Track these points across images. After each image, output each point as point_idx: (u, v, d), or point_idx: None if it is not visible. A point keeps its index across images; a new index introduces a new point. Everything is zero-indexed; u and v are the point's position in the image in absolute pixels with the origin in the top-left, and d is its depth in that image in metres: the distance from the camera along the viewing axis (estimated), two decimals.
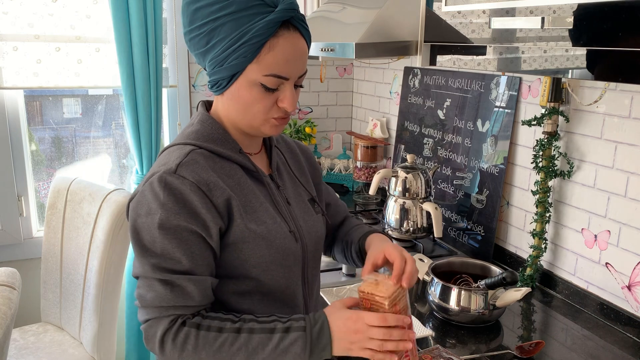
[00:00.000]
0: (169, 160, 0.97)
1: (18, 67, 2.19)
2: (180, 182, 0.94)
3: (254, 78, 0.96)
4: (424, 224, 1.87)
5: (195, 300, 0.94)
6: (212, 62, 0.97)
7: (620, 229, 1.40)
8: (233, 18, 0.92)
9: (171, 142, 1.05)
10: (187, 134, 1.04)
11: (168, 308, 0.94)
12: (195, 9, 0.95)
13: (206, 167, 0.98)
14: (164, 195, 0.93)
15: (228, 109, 1.02)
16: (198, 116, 1.06)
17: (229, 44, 0.94)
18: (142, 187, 0.97)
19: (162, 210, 0.93)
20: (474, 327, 1.40)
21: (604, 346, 1.34)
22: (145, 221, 0.94)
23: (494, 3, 1.14)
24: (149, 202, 0.94)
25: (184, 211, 0.93)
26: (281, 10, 0.93)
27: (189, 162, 0.96)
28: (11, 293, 1.30)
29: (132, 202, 0.98)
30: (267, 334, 0.93)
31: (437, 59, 1.39)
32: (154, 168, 0.99)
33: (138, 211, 0.95)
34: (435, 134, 2.10)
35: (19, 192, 2.32)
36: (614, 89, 1.39)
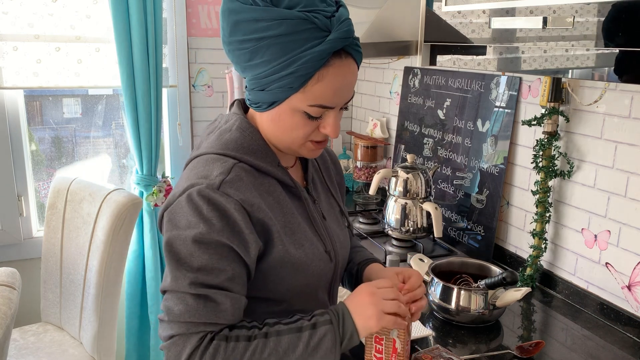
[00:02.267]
0: (210, 173, 0.92)
1: (18, 67, 2.19)
2: (225, 200, 0.89)
3: (298, 106, 0.91)
4: (424, 224, 1.87)
5: (227, 318, 0.90)
6: (253, 82, 0.93)
7: (620, 229, 1.40)
8: (281, 41, 0.85)
9: (207, 147, 0.99)
10: (226, 141, 0.97)
11: (198, 324, 0.89)
12: (236, 21, 0.88)
13: (249, 185, 0.93)
14: (207, 210, 0.89)
15: (268, 127, 0.98)
16: (236, 122, 1.00)
17: (274, 70, 0.88)
18: (177, 197, 0.92)
19: (204, 225, 0.88)
20: (474, 327, 1.40)
21: (604, 346, 1.34)
22: (184, 234, 0.89)
23: (494, 3, 1.14)
24: (188, 215, 0.89)
25: (227, 229, 0.89)
26: (335, 40, 0.87)
27: (234, 180, 0.92)
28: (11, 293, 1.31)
29: (168, 213, 0.93)
30: (296, 334, 0.91)
31: (437, 59, 1.39)
32: (192, 178, 0.93)
33: (176, 223, 0.91)
34: (435, 134, 2.10)
35: (19, 192, 2.32)
36: (614, 89, 1.39)
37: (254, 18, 0.86)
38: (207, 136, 1.04)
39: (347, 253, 1.14)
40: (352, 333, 0.92)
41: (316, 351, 0.90)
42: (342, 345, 0.92)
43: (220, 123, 1.03)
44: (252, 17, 0.86)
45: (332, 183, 1.17)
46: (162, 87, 2.29)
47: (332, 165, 1.20)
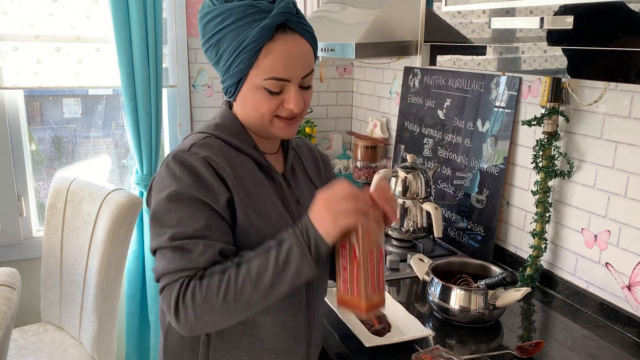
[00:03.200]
0: (185, 143, 1.03)
1: (18, 67, 2.19)
2: (192, 158, 0.98)
3: (256, 83, 0.99)
4: (424, 224, 1.87)
5: (200, 262, 0.94)
6: (221, 71, 1.03)
7: (620, 229, 1.40)
8: (233, 28, 0.97)
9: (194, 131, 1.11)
10: (208, 126, 1.08)
11: (176, 272, 0.94)
12: (205, 23, 1.03)
13: (218, 151, 1.01)
14: (179, 170, 0.97)
15: (241, 112, 1.07)
16: (219, 112, 1.11)
17: (231, 52, 0.98)
18: (159, 170, 1.02)
19: (176, 183, 0.96)
20: (474, 327, 1.40)
21: (604, 346, 1.34)
22: (161, 196, 0.97)
23: (494, 3, 1.14)
24: (164, 179, 0.98)
25: (197, 184, 0.97)
26: (275, 15, 0.96)
27: (203, 144, 1.01)
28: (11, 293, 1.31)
29: (152, 184, 1.03)
30: (264, 255, 0.94)
31: (437, 59, 1.39)
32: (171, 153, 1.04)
33: (156, 189, 1.00)
34: (435, 134, 2.10)
35: (19, 192, 2.32)
36: (614, 89, 1.39)
37: (213, 16, 1.00)
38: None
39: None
40: (316, 239, 0.92)
41: (287, 265, 0.92)
42: (311, 254, 0.92)
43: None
44: (212, 16, 1.00)
45: (320, 181, 1.20)
46: (162, 87, 2.29)
47: (322, 164, 1.24)
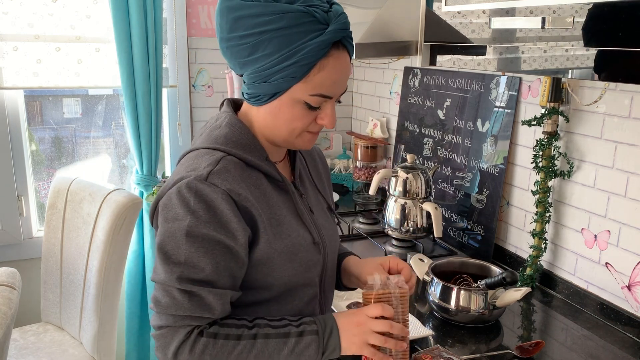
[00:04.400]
0: (198, 165, 0.94)
1: (18, 67, 2.19)
2: (212, 190, 0.91)
3: (298, 97, 0.94)
4: (424, 224, 1.87)
5: (213, 313, 0.92)
6: (254, 75, 0.94)
7: (620, 229, 1.40)
8: (284, 34, 0.89)
9: (197, 143, 1.01)
10: (215, 137, 0.99)
11: (184, 317, 0.91)
12: (237, 17, 0.91)
13: (237, 177, 0.94)
14: (194, 202, 0.90)
15: (265, 121, 0.99)
16: (226, 118, 1.02)
17: (277, 61, 0.90)
18: (167, 190, 0.94)
19: (191, 217, 0.90)
20: (474, 327, 1.40)
21: (604, 346, 1.34)
22: (172, 227, 0.91)
23: (494, 3, 1.14)
24: (176, 208, 0.91)
25: (214, 220, 0.91)
26: (335, 31, 0.90)
27: (221, 171, 0.93)
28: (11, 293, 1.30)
29: (159, 206, 0.95)
30: (282, 339, 0.94)
31: (437, 59, 1.39)
32: (182, 172, 0.95)
33: (165, 216, 0.93)
34: (435, 134, 2.10)
35: (19, 192, 2.32)
36: (613, 89, 1.39)
37: (255, 13, 0.89)
38: (200, 136, 1.05)
39: (337, 247, 1.14)
40: (335, 348, 0.96)
41: (299, 357, 0.94)
42: (323, 355, 0.95)
43: (211, 122, 1.05)
44: (252, 12, 0.89)
45: (320, 180, 1.19)
46: (162, 87, 2.29)
47: (320, 163, 1.22)
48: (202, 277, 0.91)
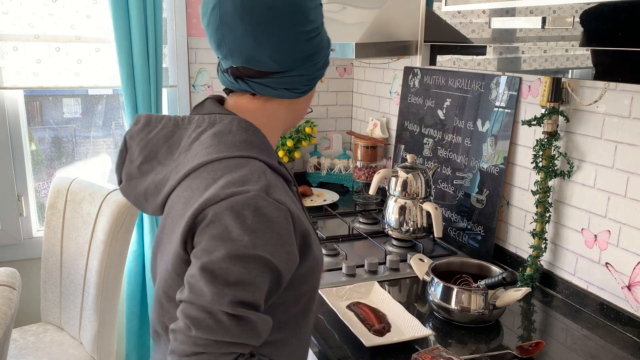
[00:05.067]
0: (247, 178, 0.85)
1: (18, 67, 2.19)
2: (276, 208, 0.83)
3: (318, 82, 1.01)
4: (424, 224, 1.87)
5: (257, 340, 0.84)
6: (308, 69, 0.95)
7: (620, 229, 1.40)
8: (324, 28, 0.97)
9: (210, 153, 0.89)
10: (234, 142, 0.90)
11: (231, 345, 0.81)
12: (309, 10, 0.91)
13: (282, 189, 0.87)
14: (254, 221, 0.81)
15: (300, 107, 1.01)
16: (234, 121, 0.93)
17: (326, 50, 0.98)
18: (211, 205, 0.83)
19: (249, 236, 0.81)
20: (474, 327, 1.40)
21: (604, 346, 1.34)
22: (226, 247, 0.81)
23: (494, 3, 1.14)
24: (230, 227, 0.81)
25: (272, 241, 0.82)
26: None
27: (273, 185, 0.85)
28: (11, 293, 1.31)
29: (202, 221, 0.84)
30: None
31: (437, 59, 1.39)
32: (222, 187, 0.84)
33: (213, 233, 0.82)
34: (435, 134, 2.10)
35: (19, 192, 2.32)
36: (614, 89, 1.39)
37: (318, 4, 0.94)
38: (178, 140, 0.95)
39: None
40: None
41: None
42: None
43: (202, 125, 0.94)
44: (317, 3, 0.94)
45: None
46: (162, 87, 2.29)
47: None
48: (251, 300, 0.82)
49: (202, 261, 0.81)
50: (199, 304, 0.80)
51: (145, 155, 0.96)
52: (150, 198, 0.95)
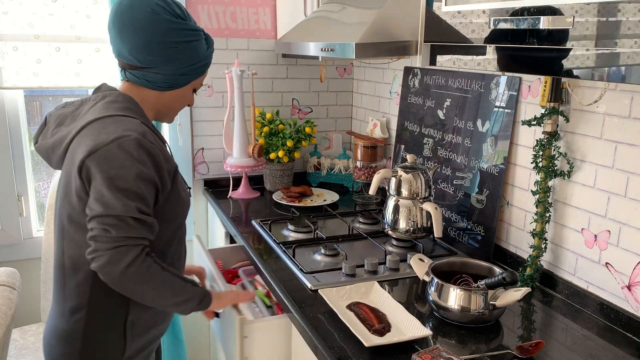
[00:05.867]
0: (129, 127, 1.23)
1: (18, 67, 2.19)
2: (152, 147, 1.23)
3: (194, 85, 1.42)
4: (424, 224, 1.87)
5: (153, 235, 1.25)
6: (177, 69, 1.33)
7: (620, 229, 1.40)
8: (196, 45, 1.35)
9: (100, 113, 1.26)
10: (120, 107, 1.29)
11: (137, 238, 1.21)
12: (170, 28, 1.30)
13: (156, 138, 1.29)
14: (141, 154, 1.21)
15: (168, 101, 1.39)
16: (119, 95, 1.32)
17: (194, 61, 1.36)
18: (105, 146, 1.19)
19: (140, 165, 1.20)
20: (474, 327, 1.41)
21: (604, 346, 1.34)
22: (122, 172, 1.18)
23: (494, 3, 1.14)
24: (121, 159, 1.19)
25: (155, 170, 1.24)
26: (212, 48, 1.42)
27: (149, 133, 1.26)
28: (11, 293, 1.31)
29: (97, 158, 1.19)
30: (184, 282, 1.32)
31: (437, 59, 1.39)
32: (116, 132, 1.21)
33: (110, 165, 1.18)
34: (435, 134, 2.10)
35: (19, 192, 2.32)
36: (613, 89, 1.39)
37: (182, 28, 1.32)
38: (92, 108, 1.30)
39: None
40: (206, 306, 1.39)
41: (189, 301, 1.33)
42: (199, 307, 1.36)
43: (97, 99, 1.32)
44: (181, 27, 1.32)
45: None
46: None
47: None
48: (146, 209, 1.22)
49: (106, 184, 1.18)
50: (113, 214, 1.18)
51: (56, 124, 1.34)
52: (56, 149, 1.30)
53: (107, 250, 1.18)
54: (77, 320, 1.30)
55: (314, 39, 1.94)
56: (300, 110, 2.74)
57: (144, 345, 1.38)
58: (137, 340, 1.35)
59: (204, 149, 2.58)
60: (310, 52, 1.96)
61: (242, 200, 2.47)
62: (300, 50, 2.06)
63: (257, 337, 1.55)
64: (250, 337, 1.54)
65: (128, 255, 1.19)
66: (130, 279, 1.20)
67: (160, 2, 1.30)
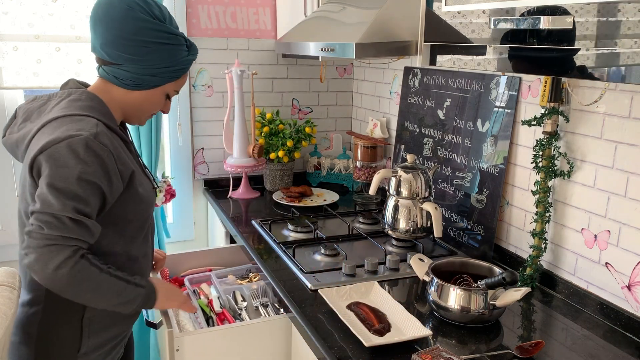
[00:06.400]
0: (81, 127, 1.21)
1: (18, 67, 2.19)
2: (100, 148, 1.20)
3: (167, 90, 1.38)
4: (424, 224, 1.87)
5: (91, 239, 1.21)
6: (144, 69, 1.31)
7: (620, 229, 1.40)
8: (172, 48, 1.33)
9: (61, 112, 1.25)
10: (81, 107, 1.27)
11: (72, 239, 1.17)
12: (143, 27, 1.28)
13: (114, 141, 1.26)
14: (86, 155, 1.18)
15: (134, 101, 1.36)
16: (83, 94, 1.30)
17: (165, 64, 1.33)
18: (55, 144, 1.18)
19: (83, 166, 1.18)
20: (474, 327, 1.41)
21: (604, 346, 1.34)
22: (65, 172, 1.17)
23: (494, 3, 1.14)
24: (67, 158, 1.17)
25: (100, 171, 1.20)
26: (194, 55, 1.39)
27: (102, 133, 1.23)
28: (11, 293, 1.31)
29: (46, 156, 1.17)
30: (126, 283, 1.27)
31: (437, 59, 1.39)
32: (68, 131, 1.19)
33: (55, 163, 1.17)
34: (435, 134, 2.10)
35: (19, 191, 2.32)
36: (613, 89, 1.39)
37: (158, 29, 1.30)
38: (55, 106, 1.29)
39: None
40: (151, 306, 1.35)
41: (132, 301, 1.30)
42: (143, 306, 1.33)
43: (62, 96, 1.31)
44: (156, 28, 1.30)
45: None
46: None
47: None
48: (87, 212, 1.19)
49: (47, 182, 1.16)
50: (49, 212, 1.15)
51: (23, 118, 1.33)
52: (20, 144, 1.29)
53: (37, 247, 1.15)
54: (34, 313, 1.32)
55: (314, 39, 1.94)
56: (300, 110, 2.74)
57: (103, 342, 1.39)
58: (94, 337, 1.36)
59: (204, 149, 2.58)
60: (310, 52, 1.96)
61: (242, 200, 2.47)
62: (300, 50, 2.06)
63: (189, 349, 1.52)
64: (182, 350, 1.52)
65: (59, 255, 1.16)
66: (61, 280, 1.17)
67: (140, 1, 1.29)
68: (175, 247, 2.60)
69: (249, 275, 1.93)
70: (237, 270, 1.99)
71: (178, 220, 2.62)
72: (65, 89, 1.34)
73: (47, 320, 1.32)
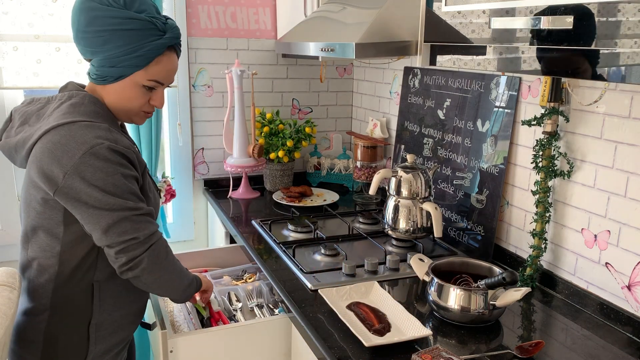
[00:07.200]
0: (99, 135, 1.21)
1: (18, 67, 2.19)
2: (125, 150, 1.23)
3: (138, 81, 1.28)
4: (424, 224, 1.87)
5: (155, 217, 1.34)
6: (104, 60, 1.24)
7: (620, 229, 1.40)
8: (130, 34, 1.22)
9: (65, 117, 1.22)
10: (86, 112, 1.25)
11: (157, 232, 1.29)
12: (95, 16, 1.21)
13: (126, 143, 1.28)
14: (118, 158, 1.21)
15: (112, 97, 1.30)
16: (86, 97, 1.28)
17: (125, 52, 1.23)
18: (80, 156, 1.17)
19: (120, 167, 1.21)
20: (474, 327, 1.41)
21: (604, 346, 1.34)
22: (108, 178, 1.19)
23: (494, 3, 1.14)
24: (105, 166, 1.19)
25: (133, 168, 1.26)
26: (169, 38, 1.27)
27: (120, 138, 1.25)
28: (11, 293, 1.31)
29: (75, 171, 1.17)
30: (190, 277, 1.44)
31: (437, 59, 1.39)
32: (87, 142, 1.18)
33: (91, 175, 1.18)
34: (435, 134, 2.10)
35: (19, 192, 2.32)
36: (613, 88, 1.39)
37: (110, 15, 1.21)
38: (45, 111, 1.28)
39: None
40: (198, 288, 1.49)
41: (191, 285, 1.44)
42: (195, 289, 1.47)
43: (62, 99, 1.28)
44: (108, 14, 1.21)
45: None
46: None
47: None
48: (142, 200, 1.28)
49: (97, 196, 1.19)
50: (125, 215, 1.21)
51: (21, 122, 1.30)
52: (19, 149, 1.27)
53: (143, 253, 1.24)
54: (39, 321, 1.31)
55: (314, 39, 1.94)
56: (300, 110, 2.74)
57: (109, 347, 1.38)
58: (101, 343, 1.35)
59: (204, 149, 2.58)
60: (310, 52, 1.96)
61: (242, 200, 2.47)
62: (300, 50, 2.06)
63: (183, 351, 1.52)
64: (176, 351, 1.52)
65: (161, 248, 1.28)
66: (168, 267, 1.32)
67: None
68: (175, 247, 2.60)
69: (244, 276, 1.93)
70: (232, 271, 1.99)
71: (178, 220, 2.62)
72: (64, 92, 1.31)
73: (54, 328, 1.31)
